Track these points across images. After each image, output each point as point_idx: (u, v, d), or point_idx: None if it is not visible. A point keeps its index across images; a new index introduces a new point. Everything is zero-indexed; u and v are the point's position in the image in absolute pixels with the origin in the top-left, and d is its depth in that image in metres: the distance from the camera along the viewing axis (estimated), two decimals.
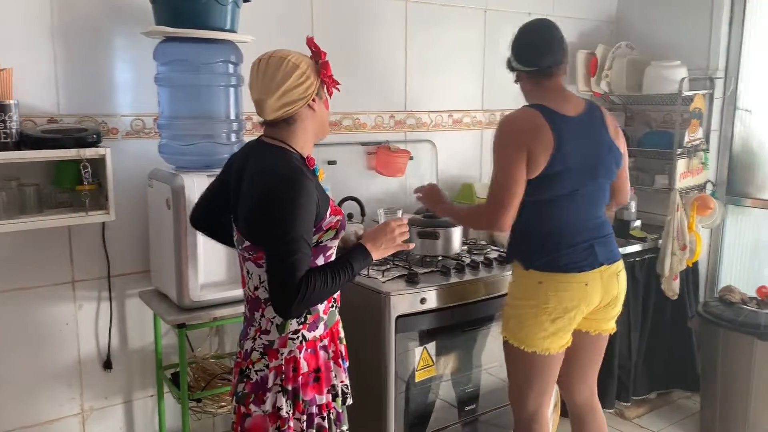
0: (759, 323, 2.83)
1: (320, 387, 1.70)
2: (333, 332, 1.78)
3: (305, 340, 1.67)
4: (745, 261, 3.56)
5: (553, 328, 2.11)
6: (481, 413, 2.66)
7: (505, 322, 2.21)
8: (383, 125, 3.00)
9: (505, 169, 2.03)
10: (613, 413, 3.34)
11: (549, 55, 2.10)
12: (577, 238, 2.11)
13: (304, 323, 1.67)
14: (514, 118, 2.10)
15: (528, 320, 2.12)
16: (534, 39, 2.14)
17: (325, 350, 1.73)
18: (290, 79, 1.59)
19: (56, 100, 2.22)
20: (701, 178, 3.40)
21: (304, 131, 1.68)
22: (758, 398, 2.88)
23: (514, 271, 2.20)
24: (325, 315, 1.72)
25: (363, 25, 2.88)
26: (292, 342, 1.65)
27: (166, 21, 2.11)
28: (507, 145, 2.04)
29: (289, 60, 1.61)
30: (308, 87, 1.62)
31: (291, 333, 1.65)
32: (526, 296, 2.12)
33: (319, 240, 1.66)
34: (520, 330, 2.14)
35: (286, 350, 1.65)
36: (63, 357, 2.35)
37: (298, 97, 1.61)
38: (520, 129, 2.05)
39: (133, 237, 2.41)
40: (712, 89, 3.40)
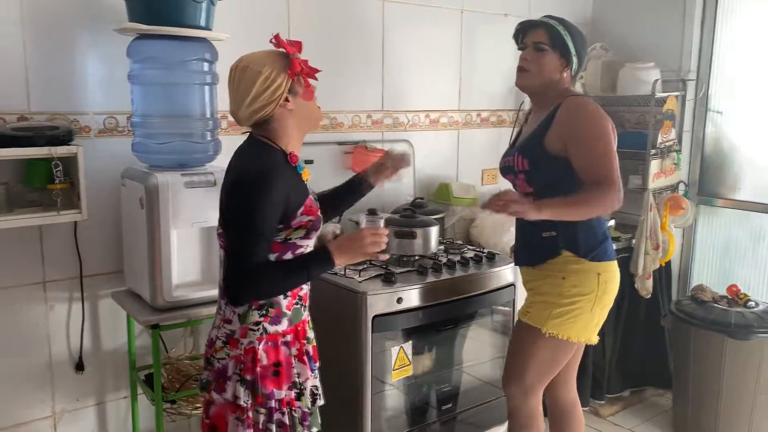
0: (729, 321, 2.88)
1: (280, 382, 1.70)
2: (298, 330, 1.78)
3: (266, 333, 1.69)
4: (716, 260, 3.63)
5: (600, 317, 2.16)
6: (458, 412, 2.67)
7: (550, 318, 2.11)
8: (360, 125, 3.00)
9: (613, 148, 2.04)
10: (588, 411, 3.38)
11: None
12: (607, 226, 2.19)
13: (266, 316, 1.69)
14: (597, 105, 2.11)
15: (584, 314, 2.10)
16: (587, 47, 2.24)
17: (288, 346, 1.73)
18: (255, 86, 1.61)
19: (27, 98, 2.18)
20: (674, 178, 3.45)
21: (284, 129, 1.70)
22: (729, 395, 2.93)
23: (563, 267, 2.11)
24: (288, 311, 1.72)
25: (340, 24, 2.87)
26: (253, 333, 1.68)
27: (139, 18, 2.08)
28: (607, 127, 2.05)
29: (250, 67, 1.62)
30: (275, 89, 1.63)
31: (252, 324, 1.68)
32: (585, 290, 2.09)
33: (288, 237, 1.67)
34: (573, 325, 2.11)
35: (246, 341, 1.68)
36: (34, 359, 2.31)
37: (266, 102, 1.63)
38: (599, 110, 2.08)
39: (106, 237, 2.37)
40: (684, 91, 3.45)
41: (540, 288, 2.17)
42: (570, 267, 2.10)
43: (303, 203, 1.67)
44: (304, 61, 1.69)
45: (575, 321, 2.11)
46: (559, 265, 2.12)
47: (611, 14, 3.75)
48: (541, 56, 2.12)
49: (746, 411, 2.93)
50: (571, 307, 2.10)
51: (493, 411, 2.75)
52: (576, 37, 2.13)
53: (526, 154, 2.15)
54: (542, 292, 2.16)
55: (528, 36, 2.16)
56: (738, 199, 3.49)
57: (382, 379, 2.40)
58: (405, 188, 3.15)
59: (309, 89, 1.71)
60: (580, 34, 2.16)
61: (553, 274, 2.13)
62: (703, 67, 3.48)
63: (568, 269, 2.11)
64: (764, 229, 3.41)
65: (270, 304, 1.69)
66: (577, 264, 2.10)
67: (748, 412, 2.93)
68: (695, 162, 3.60)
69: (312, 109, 1.75)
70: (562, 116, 2.07)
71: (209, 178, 2.15)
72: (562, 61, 2.13)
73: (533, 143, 2.14)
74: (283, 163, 1.68)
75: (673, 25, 3.48)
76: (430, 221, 2.62)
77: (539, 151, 2.10)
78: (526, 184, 2.17)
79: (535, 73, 2.14)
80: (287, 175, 1.65)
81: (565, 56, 2.12)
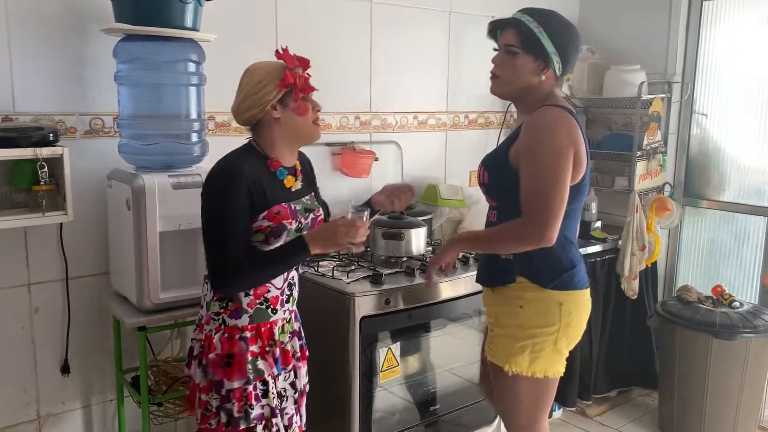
0: (715, 322, 2.91)
1: (230, 373, 1.75)
2: (262, 331, 1.80)
3: (225, 325, 1.77)
4: (701, 261, 3.66)
5: (567, 350, 1.98)
6: (444, 413, 2.68)
7: (511, 355, 1.93)
8: (348, 126, 3.00)
9: (556, 175, 1.78)
10: (575, 411, 3.40)
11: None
12: (578, 252, 2.00)
13: (225, 309, 1.78)
14: (561, 120, 1.83)
15: (547, 348, 1.91)
16: (578, 45, 1.94)
17: (246, 342, 1.77)
18: (248, 87, 1.73)
19: (11, 98, 2.16)
20: (659, 179, 3.48)
21: (270, 136, 1.78)
22: (714, 395, 2.96)
23: (520, 294, 1.93)
24: (249, 308, 1.78)
25: (328, 26, 2.87)
26: (213, 322, 1.78)
27: (126, 18, 2.07)
28: (556, 149, 1.79)
29: (251, 71, 1.75)
30: (263, 96, 1.72)
31: (213, 314, 1.79)
32: (546, 322, 1.90)
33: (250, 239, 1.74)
34: (535, 361, 1.92)
35: (207, 327, 1.80)
36: (18, 361, 2.29)
37: (253, 104, 1.72)
38: (567, 133, 1.81)
39: (92, 238, 2.36)
40: (670, 93, 3.49)
41: (499, 317, 1.99)
42: (527, 295, 1.92)
43: (267, 208, 1.72)
44: (303, 77, 1.76)
45: (540, 356, 1.92)
46: (516, 292, 1.93)
47: (597, 17, 3.77)
48: (513, 60, 1.89)
49: (731, 410, 2.96)
50: (533, 341, 1.91)
51: (480, 412, 2.76)
52: (557, 32, 1.87)
53: (487, 167, 1.99)
54: (501, 323, 1.98)
55: (500, 37, 1.93)
56: (723, 200, 3.52)
57: (370, 380, 2.39)
58: None
59: (302, 105, 1.76)
60: (563, 28, 1.90)
61: (510, 302, 1.95)
62: (688, 69, 3.51)
63: (525, 297, 1.92)
64: (749, 230, 3.44)
65: (230, 299, 1.77)
66: (535, 292, 1.91)
67: (733, 412, 2.96)
68: (681, 163, 3.63)
69: (303, 125, 1.79)
70: (524, 128, 1.86)
71: (196, 179, 2.14)
72: (539, 63, 1.87)
73: (497, 156, 1.97)
74: (258, 166, 1.74)
75: (659, 27, 3.51)
76: (417, 222, 2.63)
77: (502, 166, 1.92)
78: (488, 197, 2.03)
79: (507, 79, 1.92)
80: (257, 177, 1.72)
81: (541, 57, 1.87)
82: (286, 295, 1.86)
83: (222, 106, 2.56)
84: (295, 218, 1.78)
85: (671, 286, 3.73)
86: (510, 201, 1.88)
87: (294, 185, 1.82)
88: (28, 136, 2.00)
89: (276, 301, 1.82)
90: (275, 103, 1.73)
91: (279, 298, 1.83)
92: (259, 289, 1.78)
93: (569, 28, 1.92)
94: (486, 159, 2.02)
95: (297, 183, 1.84)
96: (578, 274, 1.96)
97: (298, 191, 1.84)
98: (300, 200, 1.83)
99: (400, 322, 2.42)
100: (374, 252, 2.60)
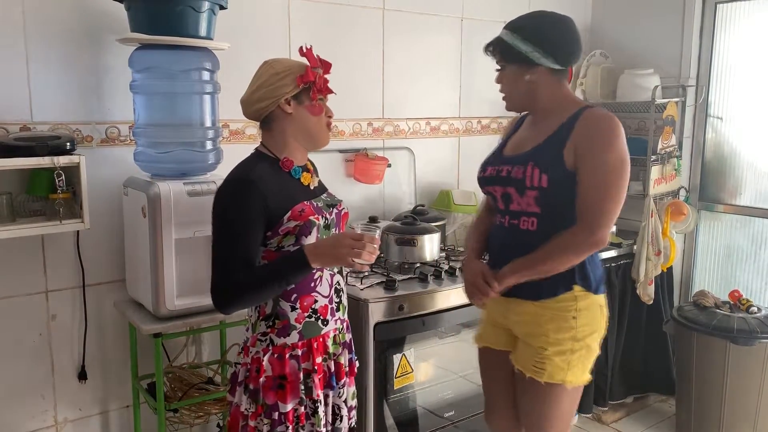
0: (732, 327, 2.87)
1: (284, 395, 1.68)
2: (314, 346, 1.73)
3: (273, 345, 1.69)
4: (718, 266, 3.62)
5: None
6: (458, 420, 2.67)
7: (570, 369, 1.86)
8: (361, 132, 3.01)
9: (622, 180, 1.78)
10: (591, 418, 3.37)
11: (580, 54, 1.94)
12: None
13: (272, 328, 1.69)
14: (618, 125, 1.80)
15: (591, 355, 1.89)
16: (568, 32, 1.89)
17: (297, 360, 1.70)
18: (265, 77, 1.68)
19: (29, 108, 2.19)
20: (674, 184, 3.45)
21: (281, 133, 1.72)
22: (732, 401, 2.93)
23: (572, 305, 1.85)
24: (297, 324, 1.69)
25: (340, 33, 2.88)
26: (260, 343, 1.71)
27: (141, 28, 2.10)
28: (623, 154, 1.79)
29: (270, 63, 1.71)
30: (279, 87, 1.67)
31: (260, 335, 1.71)
32: (594, 328, 1.88)
33: (279, 244, 1.67)
34: (585, 369, 1.89)
35: (254, 350, 1.71)
36: (36, 368, 2.31)
37: (267, 95, 1.67)
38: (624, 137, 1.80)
39: (108, 246, 2.38)
40: (684, 97, 3.46)
41: (551, 334, 1.86)
42: (580, 304, 1.85)
43: (290, 208, 1.65)
44: (323, 78, 1.72)
45: (586, 361, 1.90)
46: (568, 303, 1.85)
47: (610, 21, 3.76)
48: (504, 75, 1.93)
49: (750, 416, 2.92)
50: (585, 351, 1.88)
51: None
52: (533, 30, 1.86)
53: (545, 168, 1.81)
54: (554, 341, 1.85)
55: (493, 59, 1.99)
56: (739, 204, 3.48)
57: (384, 386, 2.39)
58: (406, 196, 3.16)
59: (317, 105, 1.72)
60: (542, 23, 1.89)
61: (561, 314, 1.84)
62: (702, 72, 3.49)
63: (578, 306, 1.85)
64: (765, 235, 3.40)
65: (276, 316, 1.69)
66: (586, 299, 1.86)
67: (751, 418, 2.92)
68: (696, 168, 3.61)
69: (314, 126, 1.74)
70: (584, 127, 1.80)
71: (211, 186, 2.15)
72: (524, 66, 1.87)
73: (553, 156, 1.81)
74: (268, 171, 1.67)
75: (673, 31, 3.49)
76: (431, 228, 2.63)
77: (560, 167, 1.80)
78: (534, 203, 1.84)
79: (509, 93, 1.95)
80: (268, 182, 1.64)
81: (523, 61, 1.87)
82: (335, 303, 1.78)
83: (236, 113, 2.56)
84: (320, 214, 1.71)
85: (687, 291, 3.70)
86: (560, 207, 1.82)
87: (312, 182, 1.77)
88: (46, 145, 2.03)
89: (325, 311, 1.74)
90: (290, 98, 1.67)
91: (328, 308, 1.74)
92: (306, 300, 1.69)
93: (551, 21, 1.89)
94: (538, 159, 1.84)
95: (314, 180, 1.79)
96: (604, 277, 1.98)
97: (316, 188, 1.79)
98: (320, 198, 1.78)
99: (413, 328, 2.42)
100: (387, 258, 2.61)
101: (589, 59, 3.54)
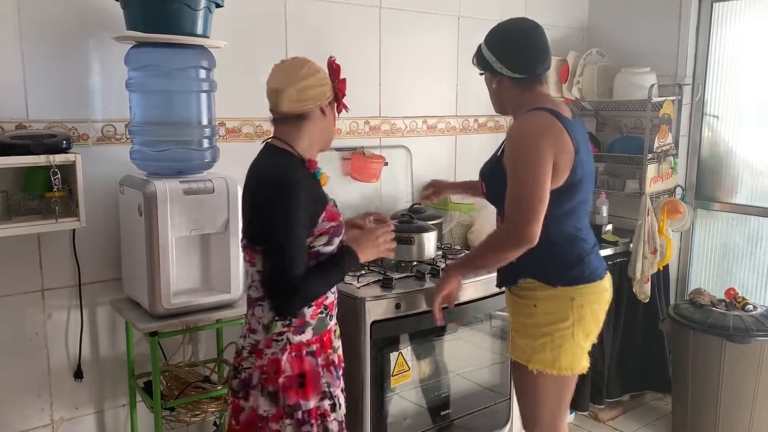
0: (728, 325, 2.88)
1: (306, 393, 1.70)
2: (324, 340, 1.77)
3: (290, 344, 1.70)
4: (714, 264, 3.63)
5: (588, 343, 2.03)
6: (455, 418, 2.67)
7: (532, 353, 2.01)
8: (358, 131, 3.01)
9: (535, 178, 1.85)
10: (588, 416, 3.38)
11: (544, 62, 2.00)
12: (591, 244, 2.05)
13: (289, 326, 1.70)
14: (534, 123, 1.92)
15: (565, 343, 1.97)
16: (528, 44, 1.98)
17: (313, 356, 1.73)
18: (311, 78, 1.70)
19: (25, 106, 2.19)
20: (671, 182, 3.46)
21: (311, 132, 1.75)
22: (728, 398, 2.94)
23: (532, 294, 2.01)
24: (312, 320, 1.73)
25: (337, 32, 2.88)
26: (276, 344, 1.70)
27: (137, 26, 2.09)
28: (533, 153, 1.87)
29: (311, 65, 1.73)
30: (325, 92, 1.73)
31: (276, 335, 1.70)
32: (559, 318, 1.97)
33: (311, 245, 1.68)
34: (557, 358, 1.98)
35: (269, 351, 1.70)
36: (32, 367, 2.31)
37: (314, 96, 1.71)
38: (544, 135, 1.88)
39: (104, 244, 2.37)
40: (680, 95, 3.47)
41: (516, 317, 2.09)
42: (539, 294, 1.99)
43: (324, 209, 1.70)
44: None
45: (561, 352, 1.98)
46: (528, 292, 2.02)
47: (607, 20, 3.77)
48: (486, 83, 2.10)
49: (746, 414, 2.94)
50: (551, 338, 1.98)
51: (491, 416, 2.75)
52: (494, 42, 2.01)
53: (484, 176, 2.12)
54: (519, 324, 2.07)
55: None
56: (735, 202, 3.49)
57: (381, 384, 2.40)
58: (403, 194, 3.16)
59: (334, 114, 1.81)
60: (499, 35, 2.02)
61: (524, 302, 2.03)
62: (698, 71, 3.50)
63: (537, 296, 2.00)
64: (761, 233, 3.42)
65: (294, 315, 1.71)
66: (546, 290, 1.98)
67: (747, 416, 2.93)
68: (692, 166, 3.61)
69: (332, 132, 1.83)
70: (506, 138, 2.00)
71: (207, 185, 2.15)
72: (491, 75, 2.04)
73: (492, 164, 2.08)
74: (303, 169, 1.72)
75: (669, 29, 3.50)
76: (427, 227, 2.63)
77: (496, 173, 2.01)
78: (492, 204, 2.14)
79: (493, 101, 2.13)
80: (309, 181, 1.70)
81: (489, 70, 2.03)
82: (336, 299, 1.85)
83: (233, 112, 2.59)
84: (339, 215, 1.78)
85: (683, 289, 3.71)
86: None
87: (325, 183, 1.81)
88: (42, 143, 2.02)
89: (332, 306, 1.81)
90: (328, 103, 1.75)
91: (333, 303, 1.82)
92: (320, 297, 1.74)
93: (505, 32, 2.02)
94: (483, 170, 2.15)
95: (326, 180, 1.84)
96: (589, 267, 2.01)
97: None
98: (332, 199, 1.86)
99: (410, 326, 2.42)
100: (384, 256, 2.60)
101: (585, 58, 3.54)
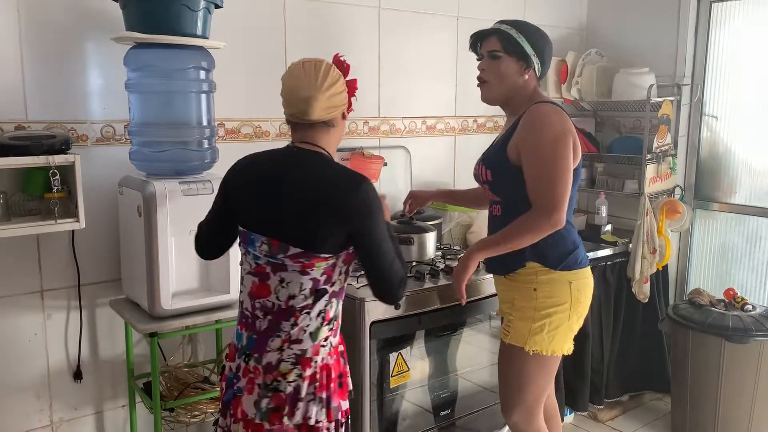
0: (727, 325, 2.88)
1: (344, 392, 1.72)
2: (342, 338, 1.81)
3: (332, 347, 1.71)
4: (713, 264, 3.63)
5: (577, 327, 2.14)
6: (456, 418, 2.67)
7: (529, 335, 2.09)
8: (357, 131, 3.01)
9: (565, 164, 1.96)
10: (587, 416, 3.38)
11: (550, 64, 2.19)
12: (578, 232, 2.17)
13: (332, 329, 1.69)
14: (558, 112, 2.03)
15: (562, 325, 2.08)
16: (551, 46, 2.14)
17: (343, 356, 1.76)
18: (337, 84, 1.67)
19: (24, 107, 2.19)
20: (670, 182, 3.46)
21: (337, 138, 1.76)
22: (727, 398, 2.94)
23: (532, 278, 2.09)
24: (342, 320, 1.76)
25: (336, 32, 2.88)
26: (324, 349, 1.67)
27: (136, 27, 2.09)
28: (562, 139, 1.97)
29: (334, 67, 1.69)
30: (345, 97, 1.71)
31: (322, 341, 1.66)
32: (558, 301, 2.07)
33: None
34: (553, 339, 2.08)
35: (318, 358, 1.65)
36: (31, 368, 2.31)
37: (339, 103, 1.70)
38: (566, 124, 2.01)
39: (104, 245, 2.37)
40: (679, 96, 3.47)
41: (515, 302, 2.14)
42: (540, 278, 2.08)
43: None
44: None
45: (556, 334, 2.09)
46: (529, 276, 2.10)
47: (606, 20, 3.77)
48: (498, 64, 2.09)
49: (745, 414, 2.94)
50: (549, 320, 2.08)
51: (491, 416, 2.75)
52: (533, 36, 2.08)
53: (489, 165, 2.14)
54: (518, 307, 2.13)
55: (483, 46, 2.15)
56: (734, 203, 3.50)
57: (381, 385, 2.40)
58: (402, 195, 3.15)
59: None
60: (538, 33, 2.10)
61: (524, 286, 2.11)
62: (697, 71, 3.50)
63: (538, 280, 2.08)
64: (760, 233, 3.42)
65: (336, 317, 1.70)
66: (547, 274, 2.08)
67: (746, 415, 2.94)
68: (691, 166, 3.62)
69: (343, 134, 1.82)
70: (521, 125, 2.04)
71: (207, 185, 2.15)
72: (521, 63, 2.08)
73: (496, 153, 2.12)
74: None
75: (668, 30, 3.50)
76: (427, 227, 2.63)
77: (501, 162, 2.08)
78: (492, 194, 2.18)
79: (495, 82, 2.11)
80: None
81: (522, 59, 2.07)
82: None
83: (232, 112, 2.59)
84: None
85: (683, 289, 3.71)
86: (513, 195, 2.06)
87: None
88: (41, 144, 2.03)
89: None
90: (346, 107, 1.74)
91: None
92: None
93: (543, 34, 2.12)
94: (486, 158, 2.19)
95: None
96: (581, 254, 2.14)
97: None
98: None
99: (410, 327, 2.42)
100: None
101: (584, 58, 3.54)
